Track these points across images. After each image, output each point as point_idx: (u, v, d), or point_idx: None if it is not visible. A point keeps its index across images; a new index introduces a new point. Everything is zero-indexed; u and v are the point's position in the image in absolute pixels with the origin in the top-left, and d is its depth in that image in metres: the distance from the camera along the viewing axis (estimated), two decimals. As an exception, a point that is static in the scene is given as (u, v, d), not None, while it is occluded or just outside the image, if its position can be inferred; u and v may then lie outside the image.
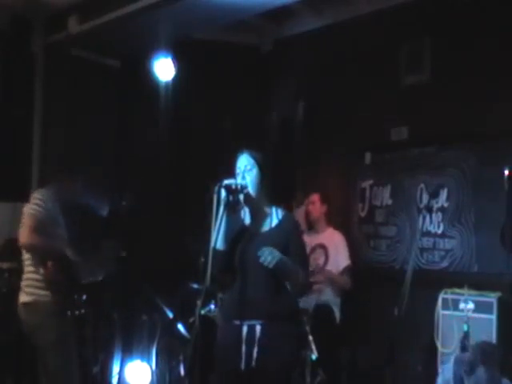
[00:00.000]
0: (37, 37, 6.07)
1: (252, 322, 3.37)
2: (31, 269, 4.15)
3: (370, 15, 5.78)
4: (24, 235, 4.07)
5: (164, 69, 5.93)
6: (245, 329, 3.38)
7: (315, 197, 5.77)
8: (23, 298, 4.16)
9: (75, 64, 6.22)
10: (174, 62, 5.91)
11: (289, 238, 3.44)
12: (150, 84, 6.07)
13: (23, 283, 4.19)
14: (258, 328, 3.36)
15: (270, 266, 3.26)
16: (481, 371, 3.46)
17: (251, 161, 3.47)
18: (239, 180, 3.45)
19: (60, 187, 4.34)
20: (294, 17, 6.35)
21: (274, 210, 3.52)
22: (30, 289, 4.11)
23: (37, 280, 4.09)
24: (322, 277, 5.40)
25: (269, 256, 3.26)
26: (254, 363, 3.35)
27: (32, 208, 4.12)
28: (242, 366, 3.36)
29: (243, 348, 3.37)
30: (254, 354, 3.35)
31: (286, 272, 3.36)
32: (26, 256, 4.21)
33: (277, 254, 3.28)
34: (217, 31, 6.21)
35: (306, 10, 6.17)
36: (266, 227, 3.50)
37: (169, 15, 5.39)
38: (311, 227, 5.76)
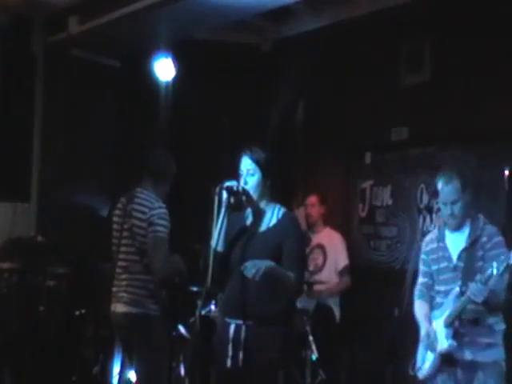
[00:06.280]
0: (37, 37, 6.07)
1: (239, 322, 3.38)
2: (140, 276, 4.02)
3: (370, 15, 5.78)
4: (160, 263, 3.93)
5: (164, 69, 5.93)
6: (232, 328, 3.39)
7: (313, 199, 5.77)
8: (127, 308, 4.03)
9: (75, 64, 6.23)
10: (173, 62, 5.91)
11: (284, 239, 3.40)
12: (150, 84, 6.07)
13: (129, 296, 4.03)
14: (244, 328, 3.36)
15: (257, 278, 3.21)
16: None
17: (253, 165, 3.43)
18: (241, 182, 3.43)
19: (159, 191, 4.15)
20: (294, 17, 6.35)
21: (275, 208, 3.50)
22: (137, 299, 4.00)
23: (146, 296, 3.99)
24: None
25: (252, 269, 3.21)
26: (240, 363, 3.36)
27: (163, 232, 3.96)
28: (228, 364, 3.37)
29: (230, 347, 3.38)
30: (240, 355, 3.35)
31: (276, 279, 3.32)
32: (129, 264, 4.06)
33: (261, 266, 3.22)
34: (217, 31, 6.20)
35: (306, 10, 6.16)
36: (263, 227, 3.48)
37: (169, 15, 5.40)
38: (309, 228, 5.77)
